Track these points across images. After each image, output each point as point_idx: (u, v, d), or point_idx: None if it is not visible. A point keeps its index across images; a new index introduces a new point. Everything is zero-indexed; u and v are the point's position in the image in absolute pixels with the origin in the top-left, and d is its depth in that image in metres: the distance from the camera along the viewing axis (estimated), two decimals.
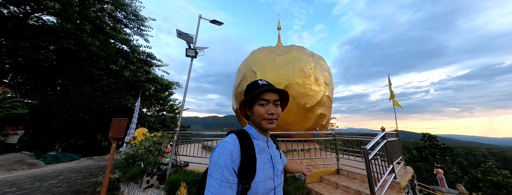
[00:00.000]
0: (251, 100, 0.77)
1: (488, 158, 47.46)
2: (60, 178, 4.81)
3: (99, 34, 10.39)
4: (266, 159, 0.75)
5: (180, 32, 4.62)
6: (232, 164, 0.64)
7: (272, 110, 0.74)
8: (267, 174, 0.71)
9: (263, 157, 0.74)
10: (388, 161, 2.72)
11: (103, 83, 10.14)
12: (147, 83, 13.58)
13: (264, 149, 0.77)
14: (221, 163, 0.63)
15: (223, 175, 0.61)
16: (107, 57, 10.83)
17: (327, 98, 7.82)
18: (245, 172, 0.65)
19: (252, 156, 0.69)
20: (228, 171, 0.62)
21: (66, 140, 10.48)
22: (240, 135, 0.74)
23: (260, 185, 0.67)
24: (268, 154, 0.77)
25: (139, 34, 14.70)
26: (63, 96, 8.89)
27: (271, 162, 0.76)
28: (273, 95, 0.76)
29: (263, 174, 0.70)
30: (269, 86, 0.76)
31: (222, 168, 0.62)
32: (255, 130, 0.78)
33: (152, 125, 13.17)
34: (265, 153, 0.76)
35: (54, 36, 7.88)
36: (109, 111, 10.43)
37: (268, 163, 0.75)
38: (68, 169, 6.17)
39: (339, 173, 3.54)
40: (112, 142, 3.31)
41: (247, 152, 0.68)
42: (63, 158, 8.24)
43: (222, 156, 0.64)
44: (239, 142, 0.70)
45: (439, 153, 12.06)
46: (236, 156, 0.66)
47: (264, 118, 0.74)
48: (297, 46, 8.86)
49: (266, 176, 0.71)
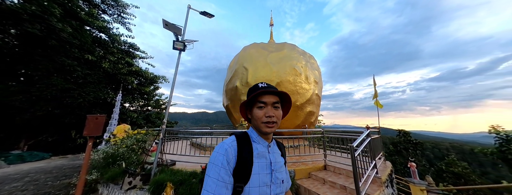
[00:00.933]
0: (251, 103, 0.77)
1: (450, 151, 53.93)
2: (25, 180, 4.29)
3: (72, 20, 9.25)
4: (264, 164, 0.73)
5: (167, 23, 4.29)
6: (228, 164, 0.64)
7: (270, 112, 0.73)
8: (263, 180, 0.69)
9: (261, 161, 0.72)
10: (371, 157, 2.88)
11: (78, 74, 9.17)
12: (129, 76, 12.62)
13: (263, 154, 0.75)
14: (218, 163, 0.64)
15: (220, 174, 0.62)
16: (81, 46, 9.75)
17: (316, 96, 8.03)
18: (239, 174, 0.65)
19: (249, 159, 0.68)
20: (225, 171, 0.63)
21: (33, 137, 9.40)
22: (239, 137, 0.74)
23: (254, 191, 0.66)
24: (267, 159, 0.75)
25: (119, 22, 13.43)
26: (28, 88, 7.85)
27: (269, 168, 0.74)
28: (271, 98, 0.75)
29: (258, 179, 0.68)
30: (268, 88, 0.75)
31: (219, 167, 0.63)
32: (256, 134, 0.78)
33: (135, 121, 12.40)
34: (264, 158, 0.74)
35: (15, 19, 6.79)
36: (85, 106, 9.53)
37: (266, 168, 0.72)
38: (36, 169, 5.55)
39: (326, 169, 3.68)
40: (88, 140, 3.01)
41: (244, 154, 0.68)
42: (29, 157, 7.39)
43: (219, 156, 0.65)
44: (237, 144, 0.70)
45: (411, 147, 13.29)
46: (231, 158, 0.66)
47: (263, 121, 0.73)
48: (289, 44, 8.86)
49: (262, 182, 0.69)
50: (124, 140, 4.54)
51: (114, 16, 13.24)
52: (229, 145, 0.69)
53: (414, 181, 4.67)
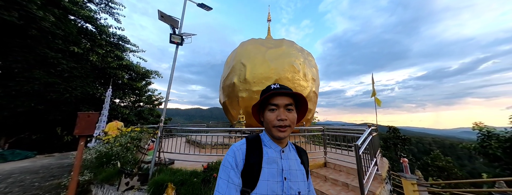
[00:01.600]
0: (263, 105, 0.74)
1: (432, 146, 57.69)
2: (9, 181, 3.99)
3: (54, 8, 8.49)
4: (275, 171, 0.67)
5: (163, 14, 4.02)
6: (237, 167, 0.65)
7: (283, 115, 0.68)
8: (272, 188, 0.64)
9: (271, 167, 0.68)
10: (372, 154, 2.94)
11: (62, 68, 8.54)
12: (119, 70, 11.99)
13: (274, 159, 0.70)
14: (227, 165, 0.65)
15: (230, 176, 0.63)
16: (66, 37, 9.03)
17: (313, 93, 8.08)
18: (246, 179, 0.64)
19: (257, 164, 0.66)
20: (234, 173, 0.64)
21: (15, 135, 8.79)
22: (250, 140, 0.73)
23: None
24: (278, 165, 0.69)
25: (107, 12, 12.55)
26: (6, 82, 7.22)
27: (281, 176, 0.67)
28: (284, 99, 0.70)
29: (267, 187, 0.63)
30: (280, 89, 0.71)
31: (229, 169, 0.64)
32: (268, 137, 0.74)
33: (127, 117, 11.93)
34: (275, 164, 0.69)
35: None
36: (72, 101, 8.98)
37: (277, 176, 0.67)
38: (20, 169, 5.20)
39: (327, 166, 3.73)
40: (80, 140, 2.80)
41: (252, 159, 0.66)
42: (11, 156, 6.92)
43: (229, 158, 0.67)
44: (246, 147, 0.69)
45: (400, 143, 13.96)
46: (239, 161, 0.66)
47: (274, 125, 0.68)
48: (287, 41, 8.75)
49: (271, 190, 0.63)
50: (117, 138, 4.32)
51: (101, 6, 12.35)
52: (238, 147, 0.69)
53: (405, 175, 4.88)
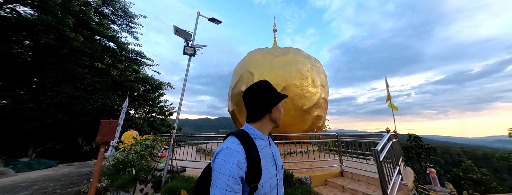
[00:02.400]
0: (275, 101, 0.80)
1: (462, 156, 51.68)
2: (34, 189, 4.23)
3: (84, 29, 9.63)
4: (269, 158, 0.76)
5: (177, 29, 4.39)
6: (240, 171, 0.62)
7: None
8: (271, 173, 0.73)
9: (266, 156, 0.75)
10: (394, 162, 2.73)
11: (87, 82, 9.37)
12: (136, 83, 12.83)
13: (266, 148, 0.78)
14: (225, 172, 0.61)
15: (228, 184, 0.60)
16: (92, 55, 10.05)
17: (323, 100, 7.93)
18: (252, 175, 0.65)
19: (257, 158, 0.68)
20: (234, 180, 0.61)
21: (41, 145, 9.45)
22: (242, 137, 0.71)
23: (266, 184, 0.69)
24: (270, 152, 0.79)
25: (127, 31, 13.92)
26: (39, 96, 8.02)
27: (273, 160, 0.78)
28: None
29: (268, 174, 0.71)
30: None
31: (227, 177, 0.60)
32: (257, 130, 0.78)
33: (140, 127, 12.41)
34: (267, 152, 0.77)
35: (31, 30, 7.11)
36: (93, 112, 9.63)
37: (271, 161, 0.76)
38: (44, 177, 5.50)
39: (343, 176, 3.50)
40: (100, 146, 2.97)
41: (252, 156, 0.67)
42: (37, 165, 7.38)
43: (226, 164, 0.62)
44: (243, 147, 0.68)
45: (424, 153, 12.76)
46: (243, 163, 0.64)
47: (280, 118, 0.82)
48: (294, 48, 8.94)
49: (271, 175, 0.73)
50: (133, 146, 4.49)
51: (123, 26, 13.77)
52: (237, 150, 0.66)
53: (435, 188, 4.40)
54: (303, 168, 3.68)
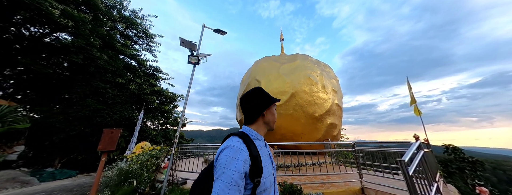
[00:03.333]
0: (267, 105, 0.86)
1: None
2: None
3: (109, 49, 10.84)
4: (266, 157, 0.82)
5: (183, 40, 4.58)
6: (245, 166, 0.67)
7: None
8: (269, 170, 0.79)
9: (264, 155, 0.80)
10: (430, 178, 2.18)
11: (108, 96, 10.19)
12: (152, 95, 13.63)
13: (264, 148, 0.84)
14: (231, 167, 0.65)
15: (233, 178, 0.64)
16: (114, 71, 11.12)
17: (336, 106, 7.36)
18: (255, 170, 0.70)
19: (258, 155, 0.73)
20: (239, 175, 0.65)
21: (66, 155, 10.16)
22: (243, 137, 0.77)
23: (267, 180, 0.74)
24: (267, 152, 0.85)
25: (147, 50, 15.36)
26: (67, 109, 8.88)
27: (270, 159, 0.85)
28: None
29: (267, 170, 0.76)
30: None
31: (233, 172, 0.64)
32: (255, 131, 0.84)
33: (154, 138, 12.77)
34: (265, 151, 0.83)
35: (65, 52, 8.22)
36: (112, 124, 10.24)
37: (268, 159, 0.83)
38: (60, 187, 5.72)
39: (365, 193, 2.94)
40: (101, 156, 2.96)
41: (254, 153, 0.72)
42: (59, 175, 7.82)
43: (233, 161, 0.67)
44: (246, 146, 0.73)
45: (468, 167, 10.71)
46: (247, 159, 0.69)
47: (275, 121, 0.89)
48: (301, 55, 8.78)
49: (269, 172, 0.78)
50: (139, 156, 4.48)
51: (143, 45, 15.27)
52: (241, 147, 0.71)
53: None
54: (315, 183, 3.20)
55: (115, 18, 11.98)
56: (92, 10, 9.92)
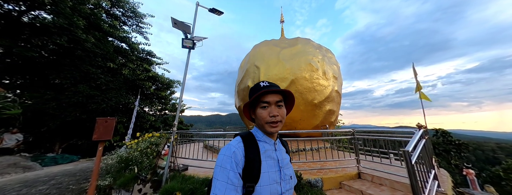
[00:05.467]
0: (254, 103, 0.77)
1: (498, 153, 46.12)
2: (51, 183, 4.46)
3: (95, 31, 9.97)
4: (272, 162, 0.74)
5: (175, 21, 4.13)
6: (237, 166, 0.64)
7: (274, 111, 0.72)
8: (273, 178, 0.70)
9: (268, 160, 0.73)
10: (428, 164, 2.22)
11: (101, 82, 9.79)
12: (147, 81, 13.20)
13: (270, 152, 0.76)
14: (226, 166, 0.64)
15: (229, 177, 0.62)
16: (104, 55, 10.45)
17: (336, 93, 7.29)
18: (249, 174, 0.65)
19: (257, 158, 0.68)
20: (234, 174, 0.63)
21: (66, 141, 10.24)
22: (245, 137, 0.74)
23: (265, 189, 0.66)
24: (274, 157, 0.76)
25: (138, 31, 14.23)
26: (59, 96, 8.56)
27: (277, 166, 0.75)
28: (274, 97, 0.74)
29: (268, 178, 0.68)
30: (270, 87, 0.74)
31: (228, 170, 0.63)
32: (262, 133, 0.78)
33: (154, 124, 12.85)
34: (271, 156, 0.75)
35: (46, 33, 7.49)
36: (108, 111, 10.10)
37: (274, 166, 0.73)
38: (63, 172, 5.85)
39: (361, 178, 3.06)
40: (98, 145, 2.90)
41: (251, 155, 0.68)
42: (61, 160, 7.97)
43: (227, 159, 0.65)
44: (243, 145, 0.70)
45: (454, 149, 11.44)
46: (240, 159, 0.66)
47: (267, 121, 0.72)
48: (303, 39, 8.29)
49: (272, 180, 0.69)
50: (139, 143, 4.48)
51: (133, 27, 14.09)
52: (236, 146, 0.68)
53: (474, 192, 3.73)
54: (313, 169, 3.30)
55: None
56: None
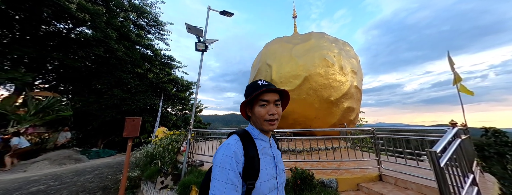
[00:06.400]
0: (251, 101, 0.78)
1: None
2: (95, 173, 5.26)
3: (125, 41, 11.25)
4: (268, 159, 0.76)
5: (189, 26, 4.39)
6: (237, 166, 0.64)
7: (273, 110, 0.74)
8: (270, 174, 0.73)
9: (266, 156, 0.75)
10: (465, 168, 1.92)
11: (131, 85, 11.02)
12: (169, 84, 14.34)
13: (266, 149, 0.78)
14: (226, 166, 0.63)
15: (229, 177, 0.62)
16: (133, 62, 11.73)
17: (355, 89, 6.78)
18: (249, 172, 0.66)
19: (256, 156, 0.70)
20: (234, 174, 0.63)
21: (106, 138, 11.85)
22: (242, 135, 0.75)
23: (264, 185, 0.69)
24: (270, 153, 0.79)
25: (160, 39, 15.56)
26: (99, 99, 9.96)
27: (273, 161, 0.78)
28: (273, 96, 0.76)
29: (266, 174, 0.71)
30: (269, 86, 0.76)
31: (227, 170, 0.63)
32: (257, 131, 0.79)
33: (175, 123, 13.92)
34: (267, 153, 0.77)
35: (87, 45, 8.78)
36: (137, 111, 11.32)
37: (271, 162, 0.76)
38: (104, 164, 6.82)
39: (383, 180, 2.81)
40: (128, 141, 3.30)
41: (250, 153, 0.69)
42: (103, 154, 9.28)
43: (226, 158, 0.65)
44: (242, 143, 0.71)
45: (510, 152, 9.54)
46: (240, 158, 0.66)
47: (266, 119, 0.74)
48: (316, 33, 7.91)
49: (270, 176, 0.72)
50: (162, 140, 4.93)
51: (156, 34, 15.45)
52: (235, 145, 0.68)
53: None
54: (328, 169, 3.15)
55: (126, 8, 12.04)
56: (104, 1, 10.06)
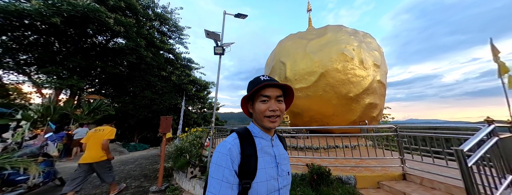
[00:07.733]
0: (252, 97, 0.75)
1: None
2: (136, 164, 6.19)
3: (152, 47, 12.51)
4: (269, 158, 0.73)
5: (208, 32, 4.73)
6: (233, 164, 0.63)
7: (274, 106, 0.71)
8: (270, 174, 0.69)
9: (265, 155, 0.72)
10: (502, 169, 1.78)
11: (158, 87, 12.26)
12: (189, 85, 15.45)
13: (267, 148, 0.74)
14: (221, 163, 0.62)
15: (224, 175, 0.61)
16: (158, 66, 13.00)
17: (378, 84, 6.35)
18: (245, 171, 0.64)
19: (253, 154, 0.67)
20: (229, 172, 0.61)
21: (140, 134, 13.52)
22: (241, 133, 0.73)
23: (262, 185, 0.65)
24: (272, 153, 0.75)
25: (180, 43, 16.77)
26: (134, 100, 11.38)
27: (274, 162, 0.74)
28: (275, 91, 0.72)
29: (265, 174, 0.68)
30: (271, 81, 0.73)
31: (223, 168, 0.62)
32: (258, 128, 0.76)
33: (196, 121, 15.03)
34: (268, 152, 0.74)
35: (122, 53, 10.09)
36: (164, 110, 12.59)
37: (271, 162, 0.73)
38: (141, 156, 7.90)
39: (406, 179, 2.71)
40: (162, 136, 3.84)
41: (247, 151, 0.67)
42: (139, 147, 10.68)
43: (222, 156, 0.64)
44: (239, 141, 0.69)
45: None
46: (235, 155, 0.65)
47: (266, 115, 0.71)
48: (333, 26, 7.56)
49: (269, 176, 0.69)
50: (188, 136, 5.51)
51: (176, 39, 16.69)
52: (231, 143, 0.67)
53: None
54: (346, 166, 3.16)
55: (151, 17, 13.29)
56: (133, 13, 11.33)
